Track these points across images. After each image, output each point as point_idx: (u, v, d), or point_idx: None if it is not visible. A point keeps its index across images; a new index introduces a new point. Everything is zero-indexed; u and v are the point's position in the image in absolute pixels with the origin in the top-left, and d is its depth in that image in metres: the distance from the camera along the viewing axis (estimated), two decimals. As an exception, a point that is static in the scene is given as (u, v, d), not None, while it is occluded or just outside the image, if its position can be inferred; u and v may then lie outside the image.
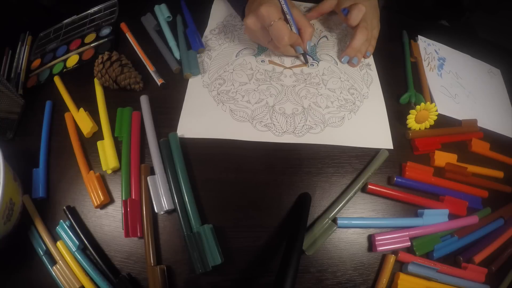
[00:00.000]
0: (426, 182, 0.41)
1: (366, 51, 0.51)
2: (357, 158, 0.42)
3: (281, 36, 0.42)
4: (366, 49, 0.50)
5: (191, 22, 0.52)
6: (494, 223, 0.42)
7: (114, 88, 0.45)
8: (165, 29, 0.52)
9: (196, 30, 0.51)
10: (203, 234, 0.35)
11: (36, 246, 0.36)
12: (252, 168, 0.40)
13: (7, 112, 0.44)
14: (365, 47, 0.50)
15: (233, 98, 0.45)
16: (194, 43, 0.49)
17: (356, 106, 0.46)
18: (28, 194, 0.39)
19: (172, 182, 0.38)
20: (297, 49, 0.47)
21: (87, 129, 0.42)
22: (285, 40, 0.43)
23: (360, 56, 0.50)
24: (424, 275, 0.36)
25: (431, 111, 0.44)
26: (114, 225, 0.37)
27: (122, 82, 0.44)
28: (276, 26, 0.41)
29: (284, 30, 0.42)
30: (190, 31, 0.51)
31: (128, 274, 0.35)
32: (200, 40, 0.50)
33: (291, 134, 0.42)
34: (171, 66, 0.47)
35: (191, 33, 0.51)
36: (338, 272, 0.36)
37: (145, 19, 0.54)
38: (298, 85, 0.47)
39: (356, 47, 0.49)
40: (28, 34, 0.56)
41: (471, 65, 0.58)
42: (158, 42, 0.50)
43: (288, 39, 0.43)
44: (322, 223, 0.37)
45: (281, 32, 0.42)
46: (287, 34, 0.42)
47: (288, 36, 0.43)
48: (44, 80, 0.49)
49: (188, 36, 0.50)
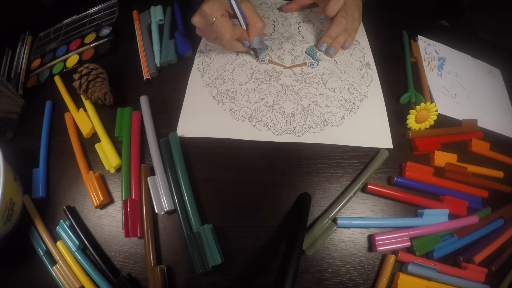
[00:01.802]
0: (426, 182, 0.41)
1: (345, 42, 0.51)
2: (357, 158, 0.42)
3: (222, 33, 0.42)
4: (344, 39, 0.50)
5: (181, 25, 0.52)
6: (494, 223, 0.42)
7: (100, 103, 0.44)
8: (154, 32, 0.51)
9: (186, 34, 0.51)
10: (203, 234, 0.35)
11: (36, 246, 0.36)
12: (252, 168, 0.40)
13: (7, 112, 0.44)
14: (344, 37, 0.50)
15: (233, 97, 0.45)
16: (181, 47, 0.49)
17: (356, 106, 0.46)
18: (28, 194, 0.39)
19: (172, 182, 0.38)
20: (244, 43, 0.46)
21: (86, 130, 0.42)
22: (227, 37, 0.42)
23: (337, 47, 0.50)
24: (424, 275, 0.36)
25: (431, 111, 0.44)
26: (114, 225, 0.37)
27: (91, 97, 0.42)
28: (218, 23, 0.41)
29: (226, 26, 0.42)
30: (178, 34, 0.50)
31: (128, 274, 0.35)
32: (188, 44, 0.50)
33: (290, 134, 0.42)
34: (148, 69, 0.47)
35: (179, 36, 0.50)
36: (338, 272, 0.36)
37: (142, 16, 0.54)
38: (298, 85, 0.47)
39: (332, 35, 0.49)
40: (28, 34, 0.56)
41: (471, 65, 0.58)
42: (146, 43, 0.50)
43: (230, 36, 0.43)
44: (322, 223, 0.37)
45: (222, 29, 0.42)
46: (229, 31, 0.42)
47: (230, 33, 0.42)
48: (44, 80, 0.49)
49: (176, 39, 0.50)
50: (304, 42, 0.52)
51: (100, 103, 0.43)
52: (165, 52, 0.48)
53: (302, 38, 0.53)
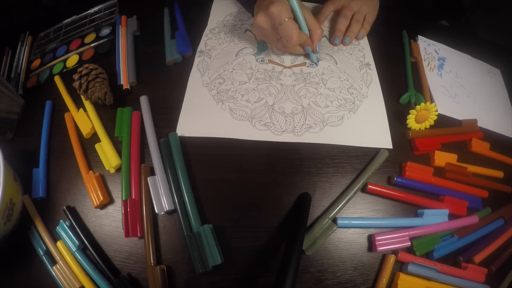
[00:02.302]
0: (426, 182, 0.41)
1: (358, 33, 0.53)
2: (357, 158, 0.42)
3: (290, 36, 0.43)
4: (358, 30, 0.53)
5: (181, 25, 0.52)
6: (494, 223, 0.42)
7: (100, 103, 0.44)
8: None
9: (186, 34, 0.51)
10: (203, 234, 0.35)
11: (36, 246, 0.36)
12: (252, 167, 0.40)
13: (7, 112, 0.44)
14: (357, 28, 0.52)
15: (233, 97, 0.45)
16: (181, 47, 0.49)
17: (355, 106, 0.46)
18: (28, 194, 0.39)
19: (172, 182, 0.38)
20: (305, 48, 0.47)
21: (86, 130, 0.42)
22: (294, 39, 0.43)
23: (352, 36, 0.52)
24: (424, 275, 0.36)
25: (431, 111, 0.44)
26: (114, 225, 0.37)
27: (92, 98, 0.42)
28: (286, 25, 0.42)
29: (294, 29, 0.42)
30: (179, 34, 0.50)
31: (128, 274, 0.35)
32: (188, 44, 0.50)
33: (290, 133, 0.42)
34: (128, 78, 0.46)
35: (179, 36, 0.50)
36: (338, 272, 0.36)
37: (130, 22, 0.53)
38: (298, 84, 0.47)
39: (342, 29, 0.52)
40: (28, 34, 0.56)
41: (471, 65, 0.58)
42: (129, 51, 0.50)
43: (297, 38, 0.43)
44: (322, 223, 0.37)
45: (291, 32, 0.42)
46: (296, 34, 0.43)
47: (297, 36, 0.43)
48: (44, 80, 0.49)
49: (176, 39, 0.50)
50: (304, 42, 0.52)
51: (100, 103, 0.43)
52: (169, 52, 0.48)
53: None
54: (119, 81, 0.46)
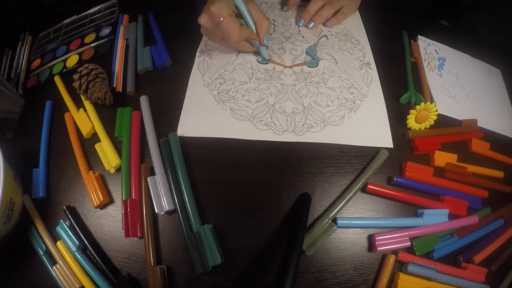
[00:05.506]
0: (426, 182, 0.41)
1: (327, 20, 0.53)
2: (357, 158, 0.42)
3: (230, 33, 0.42)
4: (326, 15, 0.52)
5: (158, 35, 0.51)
6: (494, 223, 0.42)
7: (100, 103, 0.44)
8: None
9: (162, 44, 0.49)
10: (203, 234, 0.35)
11: (36, 246, 0.36)
12: (252, 167, 0.40)
13: (7, 112, 0.44)
14: (326, 13, 0.52)
15: (234, 97, 0.45)
16: (157, 61, 0.47)
17: (356, 105, 0.46)
18: (28, 194, 0.39)
19: (172, 182, 0.38)
20: (253, 43, 0.46)
21: (86, 130, 0.42)
22: (234, 36, 0.42)
23: (318, 20, 0.52)
24: (424, 275, 0.36)
25: (431, 111, 0.44)
26: (114, 225, 0.37)
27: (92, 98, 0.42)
28: (225, 22, 0.41)
29: (233, 26, 0.41)
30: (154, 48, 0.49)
31: (128, 274, 0.35)
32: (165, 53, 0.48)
33: (291, 133, 0.42)
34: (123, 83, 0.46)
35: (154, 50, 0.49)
36: (338, 272, 0.36)
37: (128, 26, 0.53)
38: (298, 84, 0.47)
39: (310, 11, 0.51)
40: (28, 34, 0.56)
41: (471, 65, 0.58)
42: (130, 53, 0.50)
43: (238, 35, 0.43)
44: (322, 223, 0.37)
45: (230, 29, 0.42)
46: (236, 31, 0.42)
47: (238, 33, 0.42)
48: (44, 80, 0.49)
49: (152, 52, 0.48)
50: (304, 41, 0.52)
51: (100, 103, 0.43)
52: (141, 60, 0.48)
53: (302, 38, 0.53)
54: (112, 83, 0.46)
